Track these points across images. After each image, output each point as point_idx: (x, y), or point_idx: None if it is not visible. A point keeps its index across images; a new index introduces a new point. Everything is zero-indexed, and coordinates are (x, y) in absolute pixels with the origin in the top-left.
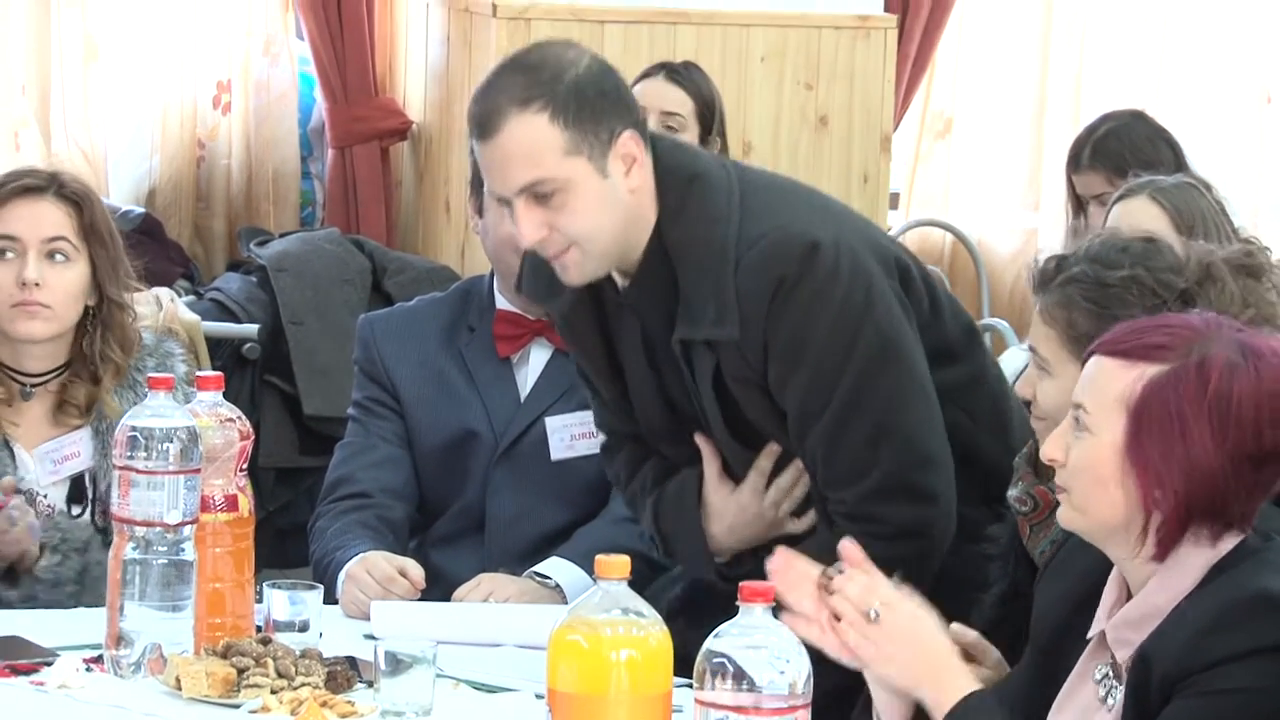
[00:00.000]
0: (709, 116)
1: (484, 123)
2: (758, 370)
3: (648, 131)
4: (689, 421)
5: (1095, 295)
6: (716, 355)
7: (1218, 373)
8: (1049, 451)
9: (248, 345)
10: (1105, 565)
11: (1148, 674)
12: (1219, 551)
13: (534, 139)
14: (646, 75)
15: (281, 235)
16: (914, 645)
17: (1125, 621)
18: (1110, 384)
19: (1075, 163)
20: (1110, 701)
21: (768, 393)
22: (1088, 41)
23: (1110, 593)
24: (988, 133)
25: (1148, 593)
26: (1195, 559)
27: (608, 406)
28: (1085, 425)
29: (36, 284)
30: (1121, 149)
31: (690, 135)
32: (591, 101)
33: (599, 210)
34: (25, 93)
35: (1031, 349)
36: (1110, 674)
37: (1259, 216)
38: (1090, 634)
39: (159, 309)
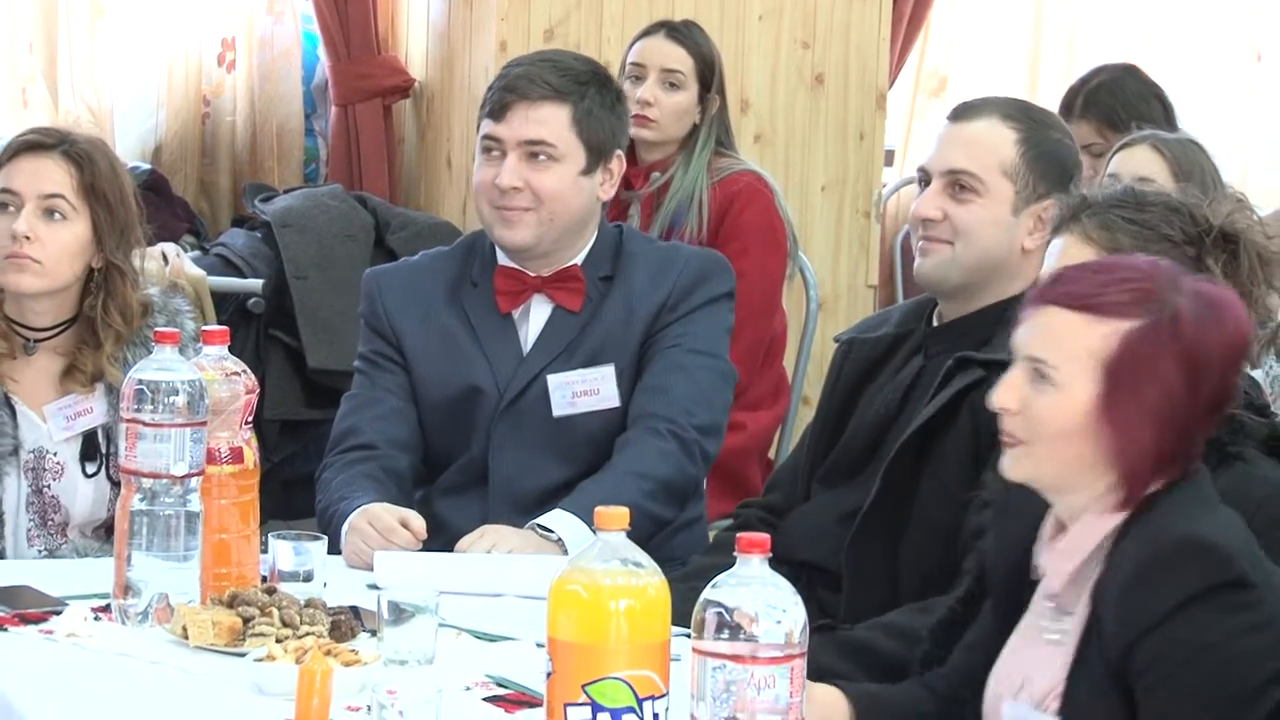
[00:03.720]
0: (709, 74)
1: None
2: (995, 416)
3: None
4: (868, 457)
5: (1137, 218)
6: (984, 379)
7: (1190, 327)
8: (1002, 400)
9: (252, 300)
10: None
11: (1101, 633)
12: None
13: (992, 141)
14: (647, 33)
15: (286, 191)
16: None
17: (1058, 552)
18: (1079, 339)
19: (1067, 112)
20: (1057, 635)
21: (976, 444)
22: (1080, 1)
23: (1047, 528)
24: (981, 91)
25: (1076, 534)
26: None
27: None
28: (1050, 379)
29: (26, 237)
30: (1113, 101)
31: (690, 92)
32: (1051, 161)
33: (989, 229)
34: (33, 50)
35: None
36: (1053, 610)
37: (1248, 174)
38: (1035, 576)
39: (164, 264)
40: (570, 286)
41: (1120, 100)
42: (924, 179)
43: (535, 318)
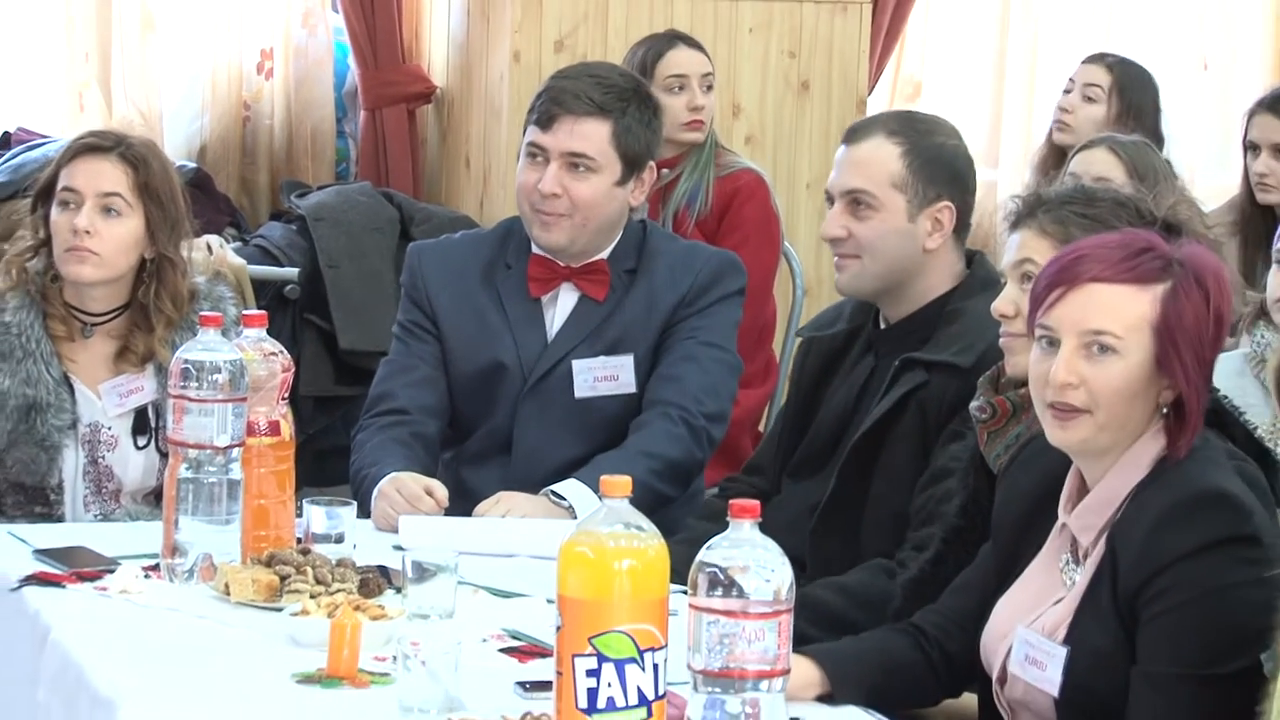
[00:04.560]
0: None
1: (854, 130)
2: (941, 411)
3: (966, 224)
4: (830, 451)
5: (1087, 212)
6: (928, 380)
7: (1212, 283)
8: (1064, 376)
9: (289, 287)
10: (1061, 466)
11: (1115, 567)
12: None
13: (879, 159)
14: (671, 46)
15: (319, 188)
16: None
17: (1087, 510)
18: (1130, 308)
19: (1103, 55)
20: (1068, 583)
21: (924, 437)
22: (1042, 15)
23: (1068, 489)
24: (952, 96)
25: (1105, 484)
26: (1146, 453)
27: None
28: (1114, 349)
29: (87, 231)
30: (1136, 79)
31: (714, 94)
32: (937, 165)
33: (890, 239)
34: (89, 59)
35: (1020, 262)
36: (1071, 561)
37: (1195, 174)
38: (1054, 526)
39: (209, 255)
40: (596, 278)
41: (1140, 82)
42: (830, 199)
43: (563, 304)
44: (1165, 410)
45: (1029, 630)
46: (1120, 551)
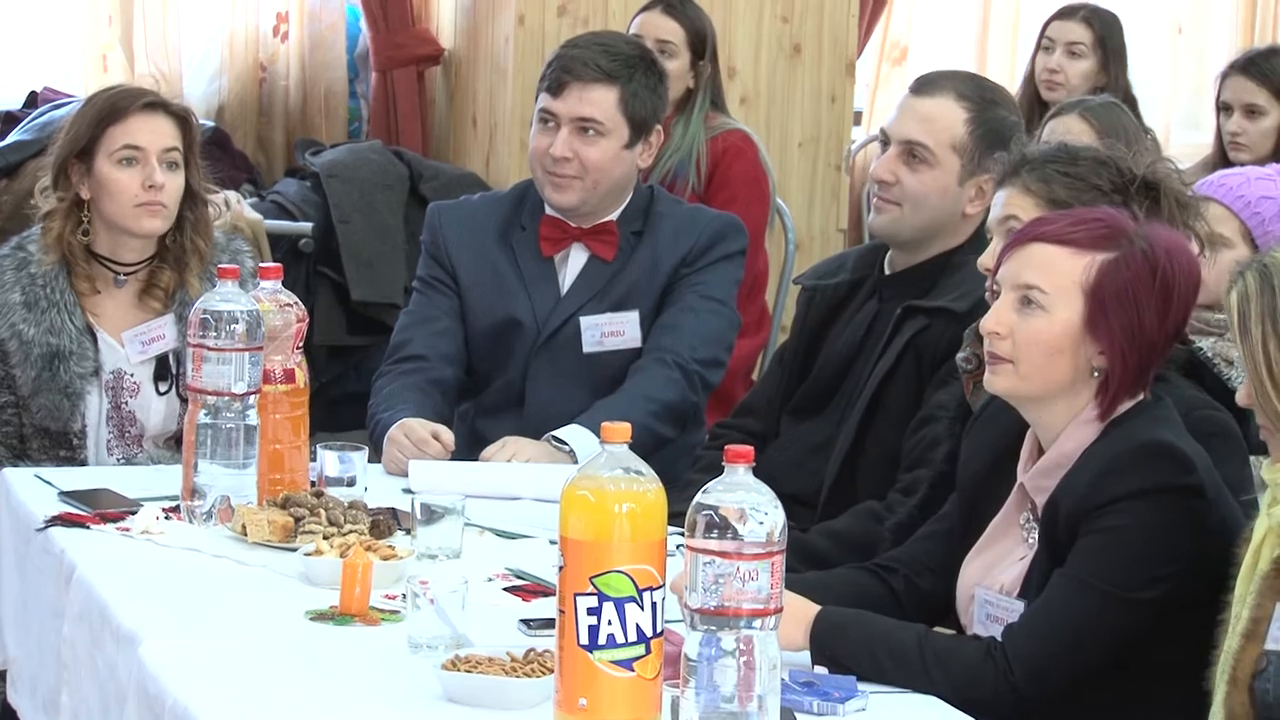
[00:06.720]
0: (700, 45)
1: (924, 82)
2: (936, 355)
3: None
4: (833, 392)
5: (1069, 170)
6: (929, 325)
7: (1162, 258)
8: (991, 325)
9: (303, 240)
10: (1021, 423)
11: (1056, 513)
12: (1120, 408)
13: (945, 118)
14: (647, 8)
15: (332, 146)
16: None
17: (1040, 472)
18: (1064, 268)
19: (1074, 9)
20: (1030, 540)
21: (920, 381)
22: None
23: (1026, 448)
24: (938, 60)
25: (1058, 445)
26: (1098, 418)
27: (765, 384)
28: (1039, 304)
29: (162, 187)
30: (1111, 25)
31: (681, 61)
32: (996, 138)
33: (935, 196)
34: (112, 22)
35: (1005, 218)
36: (1031, 519)
37: (1170, 133)
38: (1014, 485)
39: (227, 209)
40: (605, 239)
41: (1114, 28)
42: (884, 141)
43: (574, 263)
44: (1096, 373)
45: (986, 590)
46: (1061, 500)
